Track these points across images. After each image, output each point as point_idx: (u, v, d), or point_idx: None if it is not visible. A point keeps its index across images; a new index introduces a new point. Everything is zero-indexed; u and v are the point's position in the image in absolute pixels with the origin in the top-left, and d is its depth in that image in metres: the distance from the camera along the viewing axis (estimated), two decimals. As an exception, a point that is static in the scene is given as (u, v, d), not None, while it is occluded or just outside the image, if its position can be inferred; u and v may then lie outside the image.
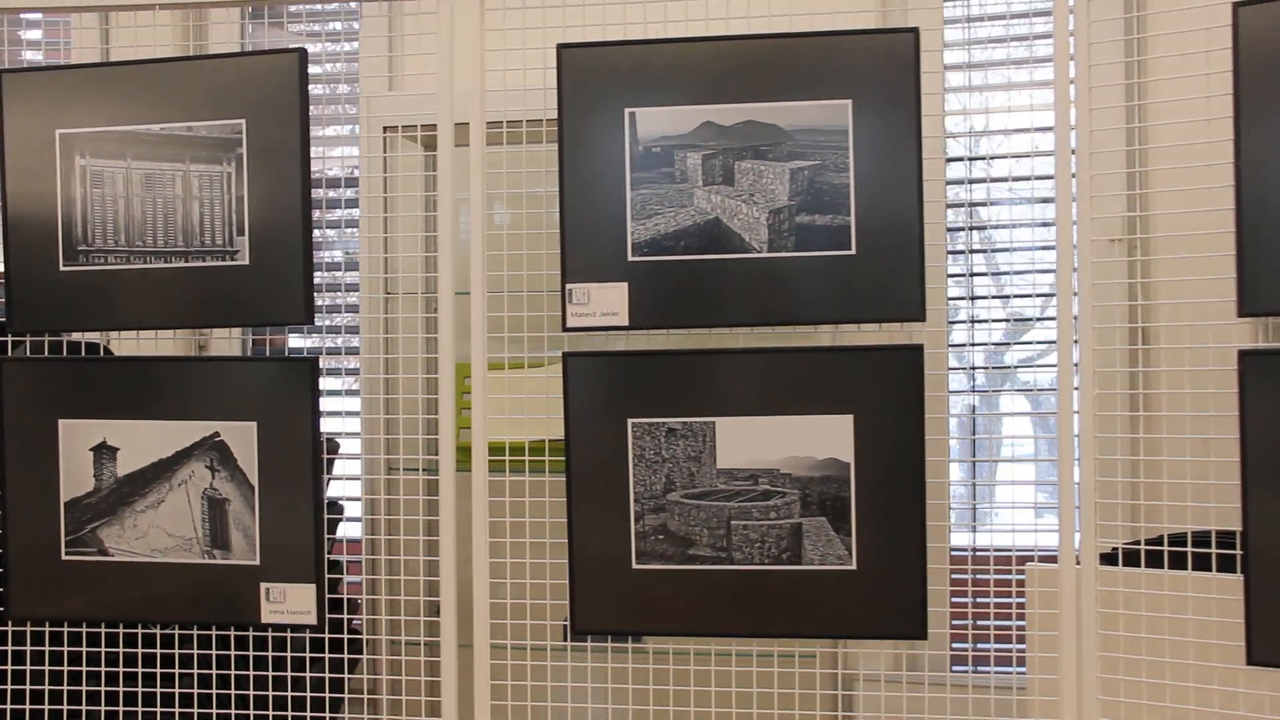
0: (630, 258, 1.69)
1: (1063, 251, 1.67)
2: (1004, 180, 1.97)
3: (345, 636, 2.13)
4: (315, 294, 1.80)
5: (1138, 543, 1.77)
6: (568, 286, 1.70)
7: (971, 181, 2.37)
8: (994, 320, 2.15)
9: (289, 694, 1.83)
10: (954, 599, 1.95)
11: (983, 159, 2.32)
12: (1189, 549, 1.64)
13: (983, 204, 2.28)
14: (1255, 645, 1.58)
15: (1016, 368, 2.01)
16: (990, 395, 2.33)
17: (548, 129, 1.74)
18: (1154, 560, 1.68)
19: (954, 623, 1.88)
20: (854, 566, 1.68)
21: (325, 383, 2.39)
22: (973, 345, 2.31)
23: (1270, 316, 1.60)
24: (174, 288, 1.76)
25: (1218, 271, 1.61)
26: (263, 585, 1.76)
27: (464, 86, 1.77)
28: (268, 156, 1.74)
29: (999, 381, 2.32)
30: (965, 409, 2.33)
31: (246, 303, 1.76)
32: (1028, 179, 2.10)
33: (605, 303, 1.69)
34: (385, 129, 2.17)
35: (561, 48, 1.71)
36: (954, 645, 2.23)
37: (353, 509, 2.18)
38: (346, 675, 2.12)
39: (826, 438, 1.68)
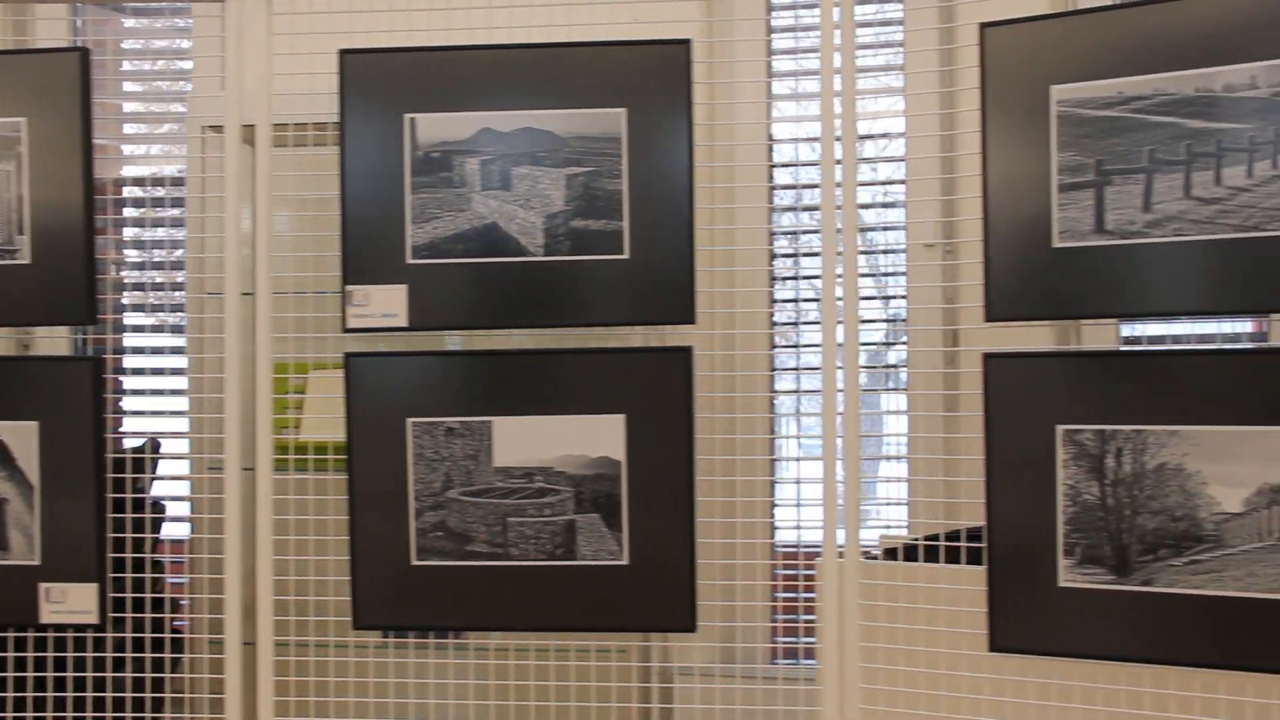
0: (409, 260, 1.73)
1: (827, 253, 1.73)
2: (806, 186, 2.04)
3: (167, 636, 2.13)
4: (142, 292, 1.80)
5: (919, 538, 1.85)
6: (348, 288, 1.73)
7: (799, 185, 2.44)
8: (783, 324, 2.22)
9: (109, 695, 1.85)
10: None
11: (806, 164, 2.39)
12: (941, 543, 1.72)
13: (808, 208, 2.35)
14: (997, 633, 1.66)
15: (800, 370, 2.08)
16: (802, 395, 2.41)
17: (334, 133, 1.76)
18: (934, 554, 1.75)
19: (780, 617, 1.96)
20: (625, 562, 1.73)
21: (152, 382, 2.40)
22: (790, 347, 2.39)
23: (1013, 322, 1.68)
24: (-48, 286, 1.76)
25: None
26: (41, 585, 1.76)
27: (254, 88, 1.79)
28: (49, 155, 1.74)
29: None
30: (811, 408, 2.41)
31: (27, 302, 1.76)
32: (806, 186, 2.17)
33: (385, 304, 1.73)
34: (205, 129, 2.18)
35: (344, 53, 1.74)
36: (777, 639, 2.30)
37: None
38: (168, 675, 2.13)
39: (600, 437, 1.73)
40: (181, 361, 2.18)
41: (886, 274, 2.36)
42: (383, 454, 1.74)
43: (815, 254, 1.83)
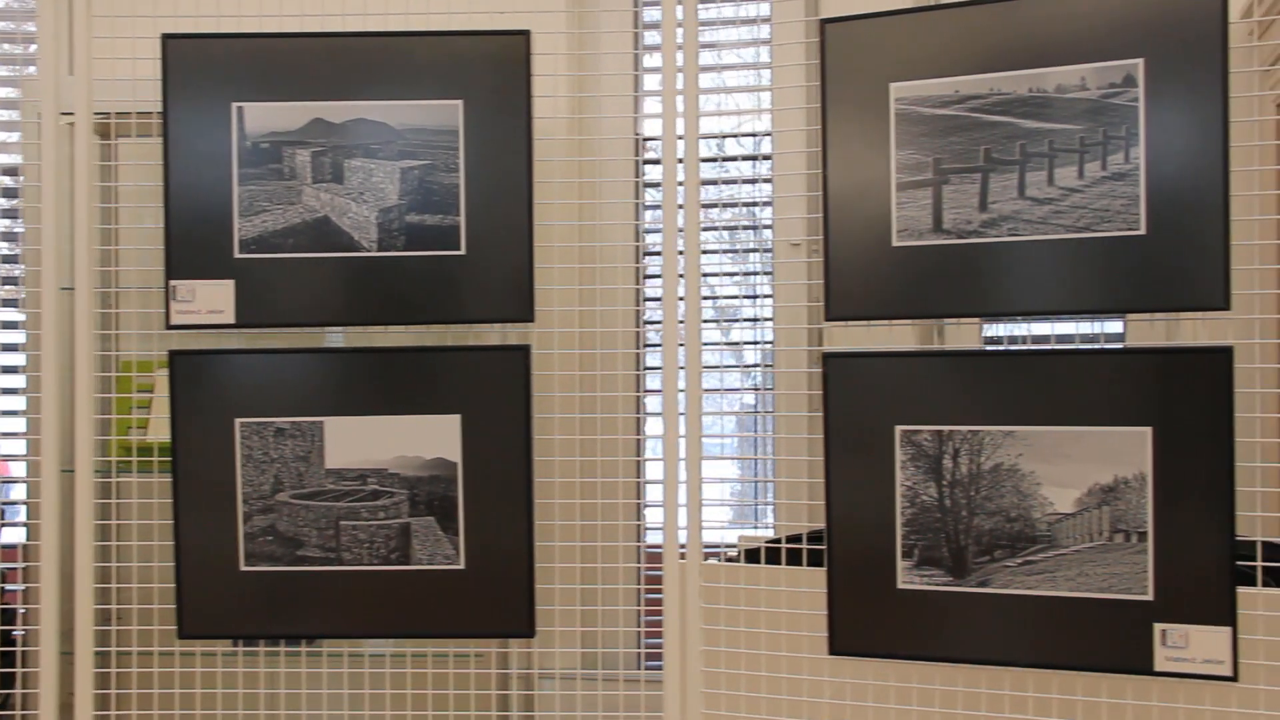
0: (237, 255, 1.66)
1: (668, 256, 1.70)
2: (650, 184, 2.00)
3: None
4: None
5: (778, 540, 1.82)
6: (172, 283, 1.66)
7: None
8: (648, 323, 2.19)
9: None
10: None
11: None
12: (782, 545, 1.70)
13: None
14: (837, 636, 1.64)
15: (650, 369, 2.04)
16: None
17: (160, 122, 1.69)
18: (796, 556, 1.73)
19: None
20: (462, 566, 1.68)
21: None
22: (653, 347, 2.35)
23: (849, 321, 1.66)
24: None
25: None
26: None
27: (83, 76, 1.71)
28: None
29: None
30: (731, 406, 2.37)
31: None
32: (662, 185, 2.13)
33: (211, 300, 1.66)
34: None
35: (166, 38, 1.66)
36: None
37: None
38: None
39: (435, 438, 1.68)
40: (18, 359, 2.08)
41: (751, 273, 2.34)
42: (209, 455, 1.68)
43: (732, 250, 1.80)
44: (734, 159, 2.19)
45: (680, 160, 1.70)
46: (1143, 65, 1.50)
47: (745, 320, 2.43)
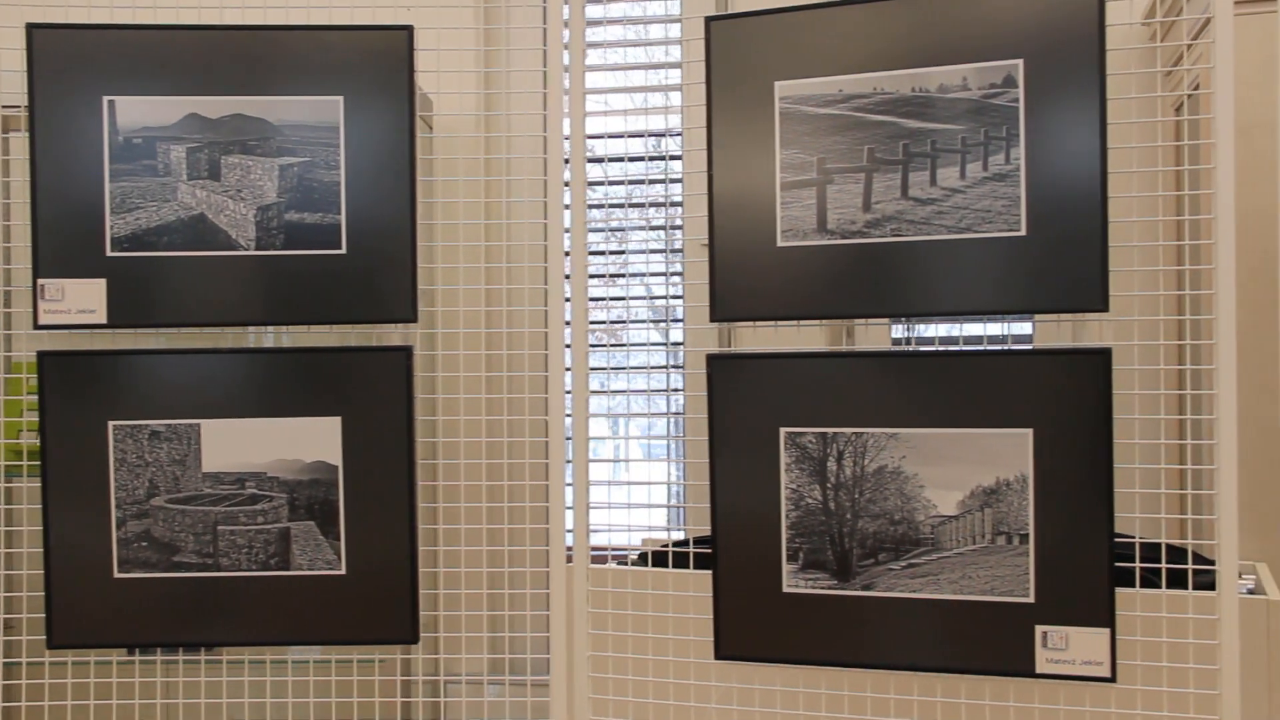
0: (109, 253, 1.62)
1: (553, 261, 1.68)
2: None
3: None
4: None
5: (667, 545, 1.81)
6: (40, 282, 1.61)
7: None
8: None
9: None
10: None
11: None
12: (669, 549, 1.68)
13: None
14: (722, 641, 1.63)
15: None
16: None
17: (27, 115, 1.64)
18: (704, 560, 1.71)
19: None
20: (343, 571, 1.65)
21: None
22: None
23: (740, 322, 1.64)
24: None
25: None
26: None
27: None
28: None
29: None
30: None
31: None
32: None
33: (81, 299, 1.61)
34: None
35: (32, 28, 1.61)
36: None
37: None
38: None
39: (315, 440, 1.64)
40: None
41: (660, 274, 2.32)
42: (81, 459, 1.63)
43: (656, 250, 1.77)
44: (641, 159, 2.16)
45: (567, 160, 1.67)
46: (1022, 66, 1.50)
47: (644, 322, 2.40)
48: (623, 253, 2.27)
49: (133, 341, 1.70)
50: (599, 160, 2.49)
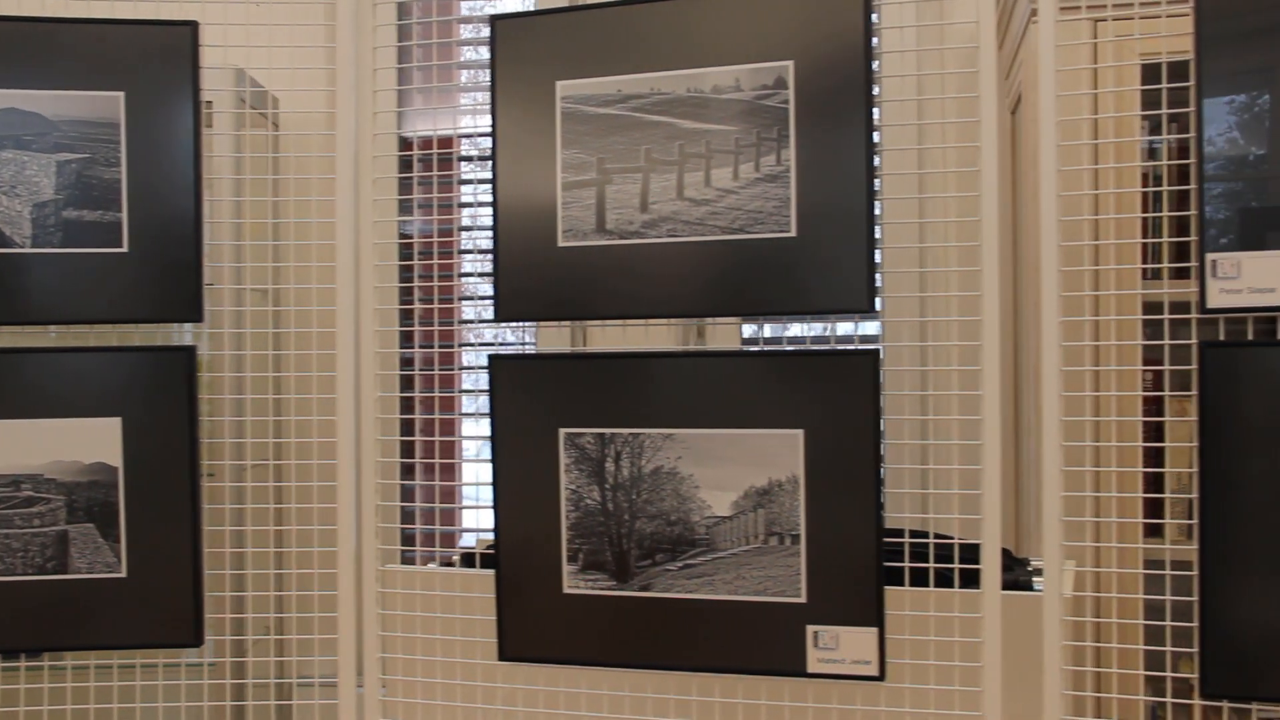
0: (-121, 250, 1.59)
1: (342, 263, 1.66)
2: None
3: None
4: None
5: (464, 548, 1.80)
6: None
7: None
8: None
9: None
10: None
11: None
12: (456, 550, 1.67)
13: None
14: (506, 642, 1.62)
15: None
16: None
17: None
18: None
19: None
20: (124, 574, 1.63)
21: None
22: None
23: (525, 322, 1.64)
24: None
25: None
26: None
27: None
28: None
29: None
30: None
31: None
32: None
33: None
34: None
35: None
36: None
37: None
38: None
39: (95, 442, 1.62)
40: None
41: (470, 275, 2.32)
42: None
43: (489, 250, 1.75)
44: (469, 158, 2.16)
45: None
46: (793, 68, 1.50)
47: (487, 323, 2.40)
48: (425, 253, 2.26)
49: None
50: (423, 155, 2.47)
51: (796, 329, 2.44)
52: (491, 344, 2.52)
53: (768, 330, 2.40)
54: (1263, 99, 1.38)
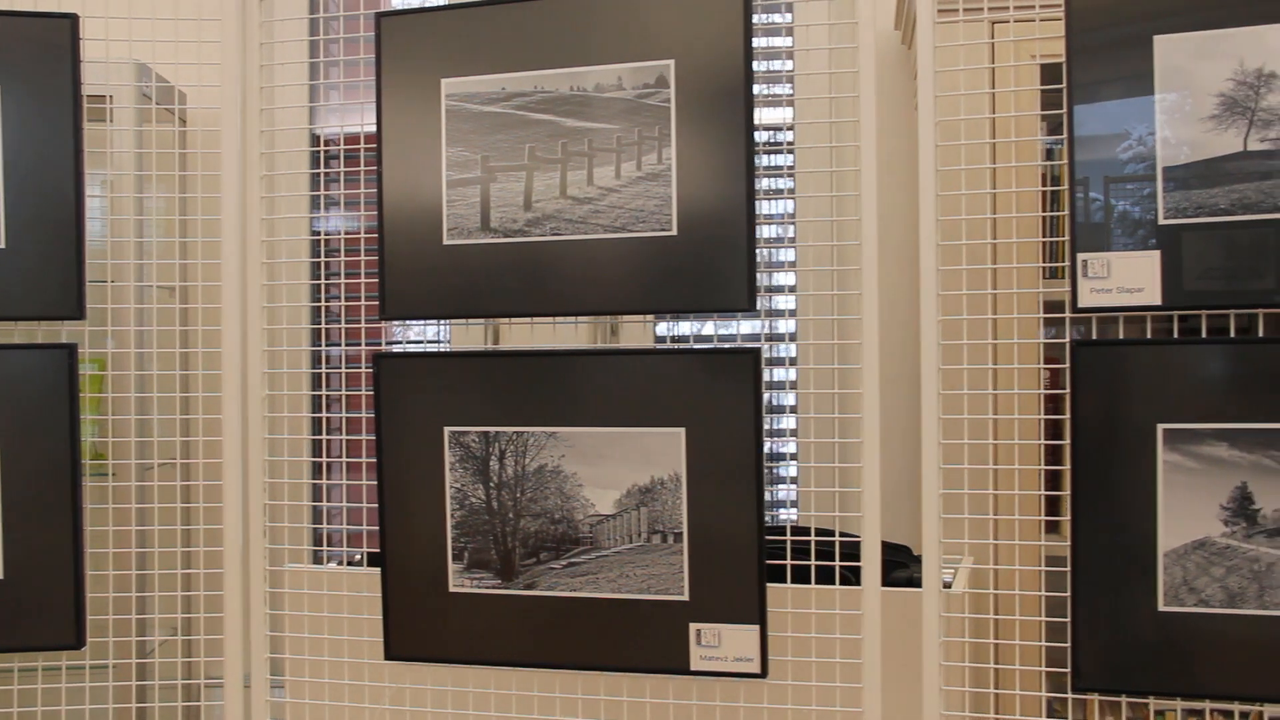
0: None
1: (227, 262, 1.65)
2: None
3: None
4: None
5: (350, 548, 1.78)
6: None
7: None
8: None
9: None
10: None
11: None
12: (343, 549, 1.66)
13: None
14: (392, 641, 1.62)
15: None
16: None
17: None
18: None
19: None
20: (0, 576, 1.61)
21: None
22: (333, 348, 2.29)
23: (408, 321, 1.63)
24: None
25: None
26: None
27: None
28: None
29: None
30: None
31: None
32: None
33: None
34: None
35: None
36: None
37: None
38: None
39: (-29, 441, 1.60)
40: None
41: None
42: None
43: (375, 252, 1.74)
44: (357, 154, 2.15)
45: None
46: (674, 67, 1.50)
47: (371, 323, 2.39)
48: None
49: None
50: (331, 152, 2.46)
51: (709, 327, 2.44)
52: (418, 341, 2.51)
53: (684, 328, 2.40)
54: (1130, 103, 1.39)
